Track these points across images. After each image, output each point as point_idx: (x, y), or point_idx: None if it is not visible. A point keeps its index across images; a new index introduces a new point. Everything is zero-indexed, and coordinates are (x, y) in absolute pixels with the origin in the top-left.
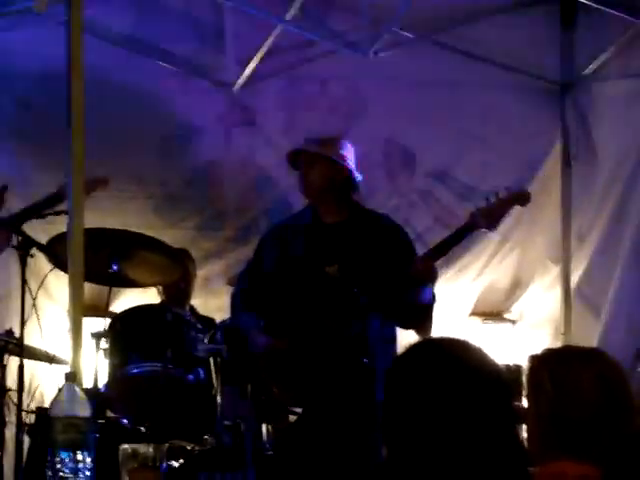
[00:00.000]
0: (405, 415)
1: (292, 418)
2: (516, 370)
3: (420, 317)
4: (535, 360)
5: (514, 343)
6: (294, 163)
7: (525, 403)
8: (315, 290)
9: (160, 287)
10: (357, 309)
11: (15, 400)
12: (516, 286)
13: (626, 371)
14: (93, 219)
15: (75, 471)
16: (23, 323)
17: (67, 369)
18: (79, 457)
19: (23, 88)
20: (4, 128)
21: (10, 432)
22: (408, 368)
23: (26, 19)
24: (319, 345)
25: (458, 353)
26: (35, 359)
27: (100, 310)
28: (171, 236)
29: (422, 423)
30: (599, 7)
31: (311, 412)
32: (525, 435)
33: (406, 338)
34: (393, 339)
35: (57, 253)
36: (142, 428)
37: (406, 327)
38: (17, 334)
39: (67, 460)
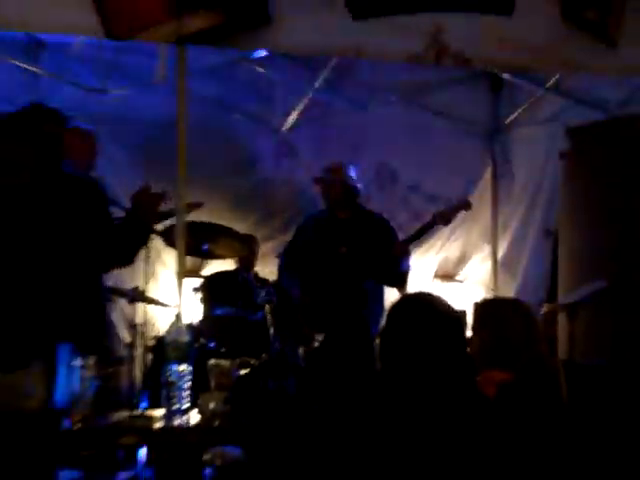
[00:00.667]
0: (397, 341)
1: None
2: (462, 313)
3: (400, 279)
4: (478, 306)
5: (462, 296)
6: (317, 184)
7: (469, 334)
8: (331, 263)
9: (236, 258)
10: (359, 276)
11: (141, 331)
12: (462, 259)
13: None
14: (191, 215)
15: (179, 377)
16: (147, 282)
17: (175, 311)
18: (182, 368)
19: (149, 131)
20: (137, 157)
21: (138, 352)
22: (399, 311)
23: (153, 86)
24: (334, 298)
25: (429, 301)
26: (154, 304)
27: (196, 273)
28: (240, 226)
29: (407, 345)
30: (514, 80)
31: (328, 339)
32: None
33: (390, 293)
34: (382, 294)
35: (169, 237)
36: (222, 349)
37: (390, 286)
38: (142, 288)
39: (174, 370)
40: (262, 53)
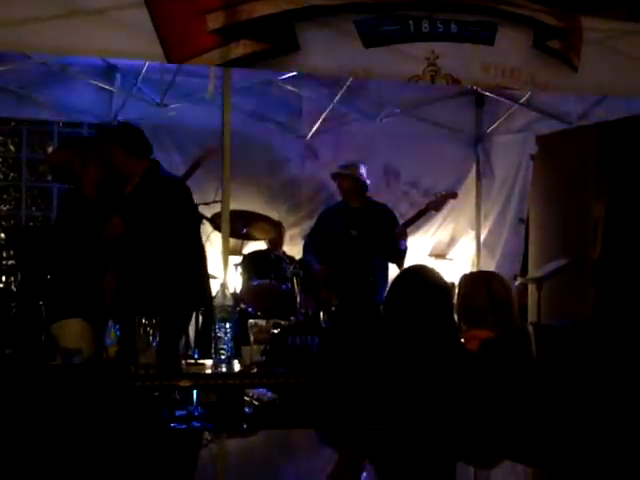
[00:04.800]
0: (398, 305)
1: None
2: (451, 284)
3: (399, 257)
4: (464, 277)
5: (451, 271)
6: (335, 178)
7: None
8: (345, 243)
9: (267, 240)
10: (367, 253)
11: None
12: (452, 241)
13: (509, 284)
14: (233, 205)
15: (225, 333)
16: None
17: (221, 282)
18: (227, 326)
19: (200, 137)
20: (190, 158)
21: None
22: (400, 281)
23: (203, 101)
24: (347, 271)
25: (424, 271)
26: None
27: (237, 252)
28: (272, 215)
29: (406, 309)
30: (494, 96)
31: (342, 304)
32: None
33: (392, 268)
34: (386, 268)
35: (216, 222)
36: (258, 312)
37: (392, 262)
38: None
39: (221, 328)
40: (291, 74)
